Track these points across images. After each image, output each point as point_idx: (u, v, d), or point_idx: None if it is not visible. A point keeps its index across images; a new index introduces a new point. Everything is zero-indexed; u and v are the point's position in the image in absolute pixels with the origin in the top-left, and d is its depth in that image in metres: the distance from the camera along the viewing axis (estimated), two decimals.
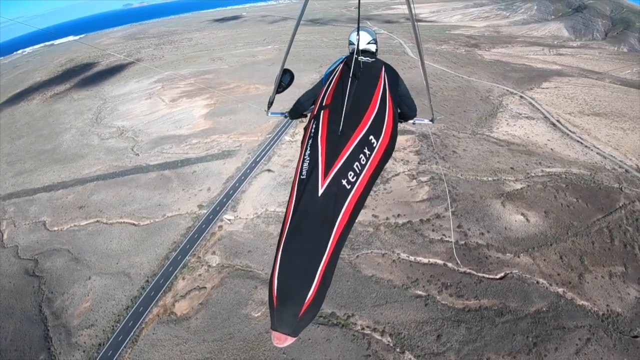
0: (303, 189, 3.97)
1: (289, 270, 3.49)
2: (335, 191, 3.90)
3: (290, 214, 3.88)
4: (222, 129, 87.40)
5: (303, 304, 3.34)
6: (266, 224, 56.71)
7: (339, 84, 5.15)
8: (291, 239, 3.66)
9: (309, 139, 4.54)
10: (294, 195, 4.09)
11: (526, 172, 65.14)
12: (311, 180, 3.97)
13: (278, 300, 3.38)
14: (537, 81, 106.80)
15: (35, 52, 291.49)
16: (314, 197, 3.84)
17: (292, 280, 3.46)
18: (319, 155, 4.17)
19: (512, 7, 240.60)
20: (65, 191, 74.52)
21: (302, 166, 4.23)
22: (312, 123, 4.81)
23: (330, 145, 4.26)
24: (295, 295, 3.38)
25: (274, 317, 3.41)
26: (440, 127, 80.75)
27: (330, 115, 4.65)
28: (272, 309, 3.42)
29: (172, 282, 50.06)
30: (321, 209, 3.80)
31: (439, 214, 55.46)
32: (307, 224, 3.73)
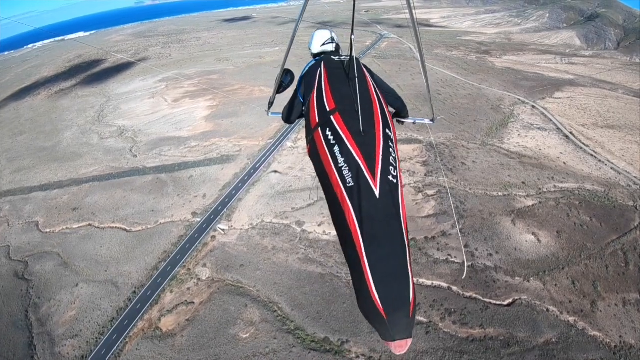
0: (358, 196, 3.67)
1: (385, 278, 3.28)
2: (388, 188, 3.75)
3: (355, 225, 3.55)
4: (223, 132, 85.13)
5: (409, 304, 3.23)
6: (261, 237, 54.08)
7: (332, 86, 5.00)
8: (372, 248, 3.40)
9: (333, 146, 4.21)
10: (347, 206, 3.68)
11: (538, 187, 62.28)
12: (362, 186, 3.73)
13: (387, 311, 3.15)
14: (550, 90, 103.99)
15: (45, 47, 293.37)
16: (373, 200, 3.64)
17: (392, 287, 3.27)
18: (356, 159, 3.93)
19: (524, 14, 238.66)
20: (61, 191, 72.92)
21: (343, 174, 3.90)
22: (323, 130, 4.48)
23: (363, 147, 4.07)
24: (401, 299, 3.23)
25: (387, 329, 3.16)
26: (449, 136, 77.93)
27: (344, 117, 4.44)
28: (382, 322, 3.17)
29: (160, 295, 47.75)
30: (384, 209, 3.64)
31: (445, 231, 52.44)
32: (380, 228, 3.53)
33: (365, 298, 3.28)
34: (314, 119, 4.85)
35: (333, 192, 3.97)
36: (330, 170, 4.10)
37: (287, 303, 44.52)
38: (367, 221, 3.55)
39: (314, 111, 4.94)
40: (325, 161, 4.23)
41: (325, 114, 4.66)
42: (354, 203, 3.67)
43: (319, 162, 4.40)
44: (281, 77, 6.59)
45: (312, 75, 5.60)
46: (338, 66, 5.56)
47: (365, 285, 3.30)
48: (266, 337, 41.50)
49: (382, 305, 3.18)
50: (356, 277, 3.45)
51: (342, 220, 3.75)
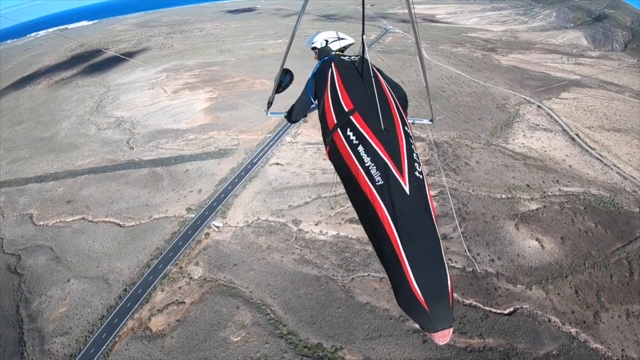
0: (389, 194, 3.68)
1: (423, 271, 3.29)
2: (416, 185, 3.77)
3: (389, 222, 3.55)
4: (222, 125, 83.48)
5: (448, 293, 3.26)
6: (256, 235, 52.59)
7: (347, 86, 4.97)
8: (408, 243, 3.42)
9: (356, 146, 4.15)
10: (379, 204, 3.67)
11: (543, 190, 60.46)
12: (392, 183, 3.74)
13: (428, 303, 3.15)
14: (556, 90, 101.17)
15: (49, 35, 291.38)
16: (404, 198, 3.66)
17: (430, 279, 3.27)
18: (383, 157, 3.92)
19: (531, 12, 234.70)
20: (56, 183, 71.90)
21: (371, 173, 3.86)
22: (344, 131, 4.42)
23: (387, 145, 4.04)
24: (440, 290, 3.24)
25: (430, 321, 3.16)
26: (453, 135, 76.08)
27: (364, 117, 4.39)
28: (425, 314, 3.16)
29: (151, 294, 46.49)
30: (416, 204, 3.66)
31: (447, 234, 50.82)
32: (413, 223, 3.55)
33: (405, 292, 3.26)
34: (331, 120, 4.81)
35: (361, 191, 3.92)
36: (356, 171, 4.07)
37: (280, 306, 43.10)
38: (400, 218, 3.56)
39: (330, 112, 4.90)
40: (350, 162, 4.20)
41: (344, 114, 4.62)
42: (386, 201, 3.67)
43: (341, 163, 4.37)
44: (280, 76, 6.61)
45: (323, 75, 5.56)
46: (349, 66, 5.52)
47: (405, 279, 3.29)
48: (257, 341, 40.15)
49: (423, 298, 3.17)
50: (394, 273, 3.43)
51: (373, 219, 3.69)
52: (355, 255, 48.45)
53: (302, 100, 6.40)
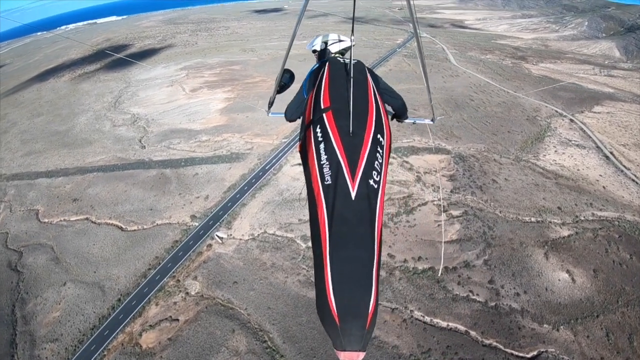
0: (333, 194, 3.63)
1: (345, 282, 3.15)
2: (366, 192, 3.67)
3: (325, 223, 3.52)
4: (236, 127, 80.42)
5: (368, 314, 3.03)
6: (261, 251, 48.77)
7: (331, 85, 4.93)
8: (337, 248, 3.31)
9: (319, 143, 4.12)
10: (322, 203, 3.66)
11: (575, 214, 55.67)
12: (339, 185, 3.68)
13: (341, 318, 2.98)
14: (588, 103, 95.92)
15: (78, 29, 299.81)
16: (347, 201, 3.58)
17: (350, 293, 3.10)
18: (339, 158, 3.84)
19: (562, 21, 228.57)
20: (65, 179, 70.74)
21: (323, 171, 3.84)
22: (314, 127, 4.39)
23: (348, 147, 3.97)
24: (358, 308, 3.05)
25: (339, 337, 2.96)
26: (480, 148, 71.23)
27: (335, 116, 4.35)
28: (334, 328, 2.98)
29: (144, 307, 44.16)
30: (358, 212, 3.55)
31: (469, 262, 45.97)
32: (349, 229, 3.44)
33: (322, 301, 3.11)
34: (308, 116, 4.79)
35: (311, 188, 3.89)
36: (312, 167, 4.03)
37: (279, 333, 39.15)
38: (337, 221, 3.46)
39: (309, 108, 4.87)
40: (310, 157, 4.12)
41: (319, 111, 4.56)
42: (328, 201, 3.61)
43: (305, 159, 4.30)
44: (281, 77, 6.46)
45: (316, 75, 5.47)
46: (340, 67, 5.41)
47: (324, 288, 3.15)
48: None
49: (336, 311, 3.00)
50: (318, 277, 3.33)
51: (314, 218, 3.65)
52: None
53: (297, 98, 6.12)
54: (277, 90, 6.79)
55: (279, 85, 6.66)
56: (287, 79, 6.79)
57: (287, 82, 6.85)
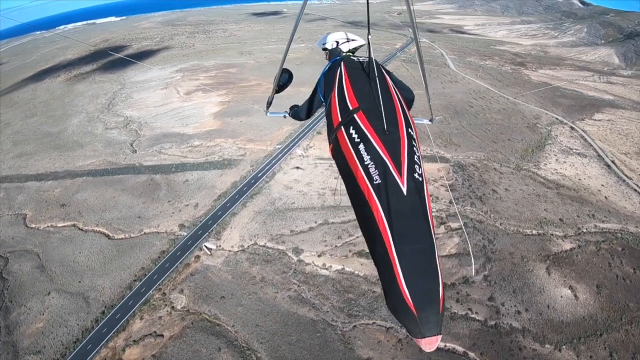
0: (386, 192, 3.64)
1: (414, 274, 3.19)
2: (414, 186, 3.70)
3: (383, 221, 3.50)
4: (230, 132, 78.63)
5: (439, 300, 3.14)
6: (250, 264, 46.78)
7: (354, 85, 4.95)
8: (401, 242, 3.35)
9: (358, 144, 4.09)
10: (375, 202, 3.64)
11: (577, 226, 54.24)
12: (390, 182, 3.70)
13: (417, 307, 3.05)
14: (589, 111, 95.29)
15: (77, 29, 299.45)
16: (401, 197, 3.61)
17: (421, 283, 3.16)
18: (382, 156, 3.86)
19: (561, 27, 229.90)
20: (55, 183, 69.11)
21: (369, 171, 3.81)
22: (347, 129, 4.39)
23: (388, 145, 3.98)
24: (431, 295, 3.12)
25: (418, 326, 3.03)
26: (480, 156, 69.70)
27: (367, 116, 4.35)
28: (413, 319, 3.04)
29: (129, 321, 42.19)
30: (412, 206, 3.59)
31: (468, 277, 44.18)
32: (408, 224, 3.48)
33: (395, 295, 3.15)
34: (336, 117, 4.79)
35: (359, 189, 3.86)
36: (355, 168, 4.02)
37: (267, 353, 37.16)
38: (395, 218, 3.49)
39: (335, 110, 4.88)
40: (350, 159, 4.13)
41: (348, 112, 4.60)
42: (382, 200, 3.61)
43: (343, 161, 4.31)
44: (279, 77, 6.58)
45: (333, 74, 5.51)
46: (357, 66, 5.45)
47: (396, 282, 3.20)
48: None
49: (412, 302, 3.06)
50: (385, 274, 3.35)
51: (369, 218, 3.64)
52: (361, 297, 41.96)
53: (311, 98, 6.34)
54: (276, 90, 6.83)
55: (277, 85, 6.71)
56: (285, 79, 6.82)
57: (285, 82, 6.88)
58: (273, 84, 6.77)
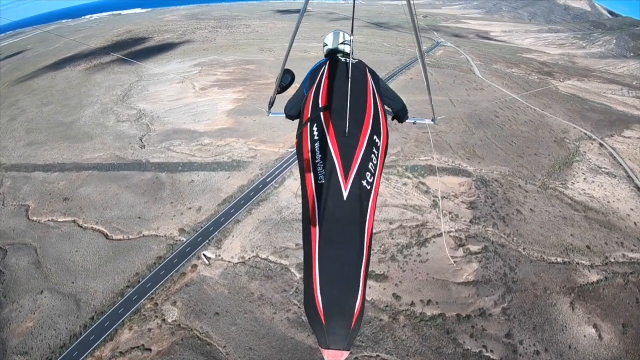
0: (326, 193, 3.68)
1: (332, 281, 3.22)
2: (358, 192, 3.71)
3: (316, 221, 3.56)
4: (242, 132, 75.70)
5: (353, 314, 3.12)
6: (249, 278, 43.47)
7: (330, 85, 5.01)
8: (326, 247, 3.37)
9: (315, 142, 4.21)
10: (313, 202, 3.71)
11: (605, 255, 50.39)
12: (332, 184, 3.72)
13: (326, 316, 3.08)
14: (618, 127, 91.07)
15: (102, 19, 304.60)
16: (339, 201, 3.62)
17: (337, 291, 3.19)
18: (333, 157, 3.92)
19: (590, 37, 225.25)
20: (61, 175, 67.76)
21: (317, 170, 3.91)
22: (311, 125, 4.49)
23: (343, 147, 4.04)
24: (344, 307, 3.13)
25: (324, 335, 3.08)
26: (505, 171, 65.44)
27: (332, 116, 4.43)
28: (320, 326, 3.10)
29: (117, 330, 39.99)
30: (349, 212, 3.59)
31: (486, 309, 40.19)
32: (339, 229, 3.49)
33: (309, 298, 3.17)
34: (306, 114, 4.85)
35: (305, 187, 3.90)
36: (307, 165, 4.08)
37: None
38: (328, 219, 3.47)
39: (307, 107, 4.92)
40: (305, 156, 4.19)
41: (317, 110, 4.63)
42: (320, 200, 3.62)
43: (300, 157, 4.35)
44: (281, 77, 6.47)
45: (317, 72, 5.52)
46: (340, 66, 5.42)
47: (312, 286, 3.20)
48: None
49: (322, 310, 3.07)
50: (306, 275, 3.36)
51: (306, 216, 3.67)
52: (365, 325, 38.11)
53: (297, 94, 6.11)
54: (278, 90, 6.72)
55: (279, 85, 6.58)
56: (287, 79, 6.63)
57: (287, 82, 6.69)
58: (275, 84, 6.60)
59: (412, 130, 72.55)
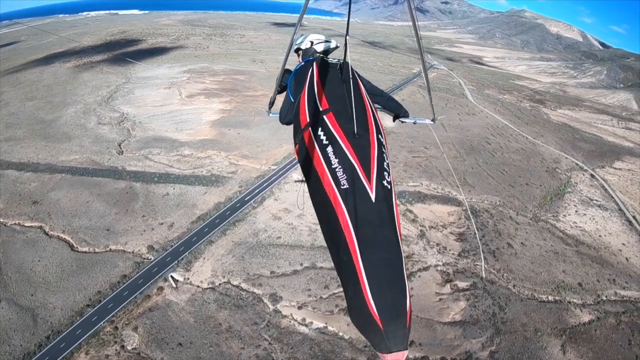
0: (353, 198, 3.53)
1: (381, 284, 3.10)
2: (383, 193, 3.61)
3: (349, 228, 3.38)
4: (224, 144, 73.08)
5: (407, 313, 3.06)
6: (218, 306, 40.27)
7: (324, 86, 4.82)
8: (368, 252, 3.23)
9: (326, 146, 3.94)
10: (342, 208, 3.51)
11: (597, 292, 49.42)
12: (358, 188, 3.58)
13: (383, 321, 2.93)
14: (609, 158, 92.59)
15: (99, 17, 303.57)
16: (369, 204, 3.50)
17: (388, 294, 3.08)
18: (351, 160, 3.75)
19: (581, 67, 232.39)
20: (33, 176, 65.07)
21: (336, 175, 3.68)
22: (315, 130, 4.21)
23: (357, 148, 3.88)
24: (398, 308, 3.04)
25: (384, 341, 2.91)
26: (496, 201, 64.14)
27: (337, 118, 4.21)
28: (378, 332, 2.93)
29: (73, 354, 36.64)
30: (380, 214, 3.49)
31: (473, 352, 37.90)
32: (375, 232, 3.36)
33: (360, 307, 3.05)
34: (304, 118, 4.59)
35: (324, 193, 3.70)
36: (322, 171, 3.86)
37: None
38: (362, 226, 3.38)
39: (304, 110, 4.68)
40: (317, 162, 3.96)
41: (318, 113, 4.43)
42: (349, 206, 3.49)
43: (308, 163, 4.10)
44: (281, 77, 6.19)
45: (303, 74, 5.33)
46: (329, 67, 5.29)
47: (361, 293, 3.09)
48: None
49: (378, 315, 2.96)
50: (350, 285, 3.22)
51: (334, 224, 3.50)
52: None
53: (285, 102, 5.91)
54: (278, 90, 6.45)
55: (279, 85, 6.27)
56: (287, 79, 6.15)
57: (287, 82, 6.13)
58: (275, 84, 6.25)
59: (401, 154, 71.17)
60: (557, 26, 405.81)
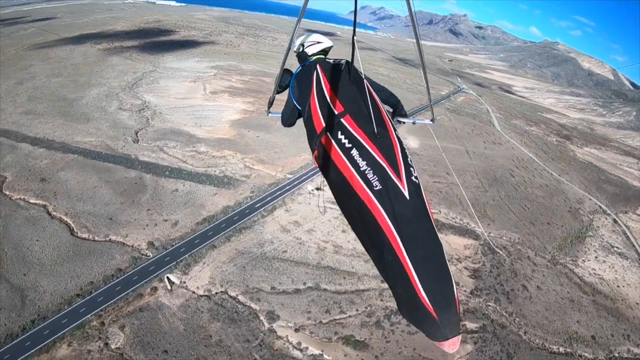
0: (389, 198, 3.53)
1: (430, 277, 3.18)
2: (414, 189, 3.63)
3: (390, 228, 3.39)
4: (242, 146, 71.71)
5: (456, 300, 3.18)
6: (211, 317, 38.04)
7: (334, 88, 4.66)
8: (412, 250, 3.28)
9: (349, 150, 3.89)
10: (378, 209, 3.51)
11: (609, 348, 46.53)
12: (391, 188, 3.59)
13: (437, 310, 3.04)
14: (633, 203, 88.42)
15: (137, 3, 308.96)
16: (404, 202, 3.52)
17: (437, 285, 3.17)
18: (379, 161, 3.74)
19: (610, 106, 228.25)
20: (46, 152, 65.04)
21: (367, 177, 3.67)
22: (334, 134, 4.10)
23: (383, 149, 3.86)
24: (448, 297, 3.14)
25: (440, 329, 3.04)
26: (514, 238, 61.22)
27: (356, 120, 4.13)
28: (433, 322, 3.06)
29: (55, 342, 35.41)
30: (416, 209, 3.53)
31: None
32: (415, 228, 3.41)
33: (413, 302, 3.14)
34: (318, 123, 4.46)
35: (357, 197, 3.67)
36: (350, 175, 3.82)
37: None
38: (402, 224, 3.40)
39: (317, 115, 4.56)
40: (342, 166, 3.92)
41: (334, 116, 4.34)
42: (386, 206, 3.49)
43: (332, 168, 4.05)
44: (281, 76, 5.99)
45: (307, 78, 5.15)
46: (335, 69, 5.08)
47: (412, 289, 3.17)
48: None
49: (432, 306, 3.06)
50: (399, 283, 3.32)
51: (372, 226, 3.51)
52: None
53: (287, 105, 5.85)
54: (277, 90, 6.28)
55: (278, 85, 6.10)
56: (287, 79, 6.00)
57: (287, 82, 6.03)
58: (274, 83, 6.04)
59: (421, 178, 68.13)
60: (590, 62, 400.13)
